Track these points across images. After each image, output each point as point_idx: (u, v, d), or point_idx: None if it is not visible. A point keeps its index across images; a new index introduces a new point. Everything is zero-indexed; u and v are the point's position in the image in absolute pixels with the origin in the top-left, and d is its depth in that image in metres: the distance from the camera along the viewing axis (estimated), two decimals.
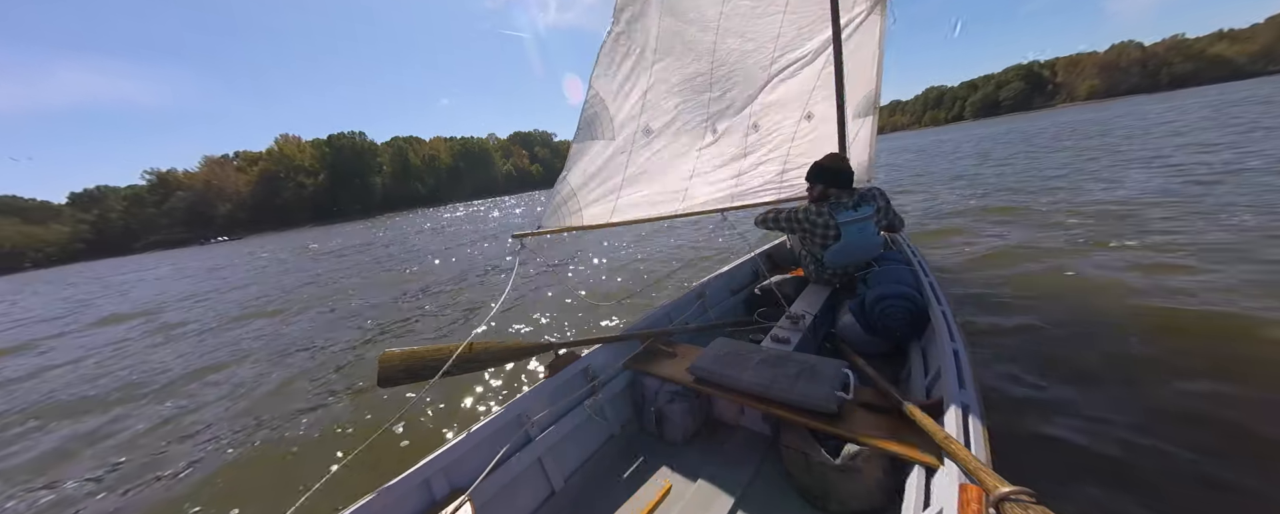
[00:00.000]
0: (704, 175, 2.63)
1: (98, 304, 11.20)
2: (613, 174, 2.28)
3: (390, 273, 8.94)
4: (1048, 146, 14.40)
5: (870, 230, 2.13)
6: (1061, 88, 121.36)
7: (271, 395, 3.42)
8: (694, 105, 2.45)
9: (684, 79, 2.39)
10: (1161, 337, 2.48)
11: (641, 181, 2.39)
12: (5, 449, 3.24)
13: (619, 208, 2.36)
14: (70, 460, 2.94)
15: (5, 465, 2.99)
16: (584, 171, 2.21)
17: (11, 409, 4.10)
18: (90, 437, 3.24)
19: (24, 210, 76.73)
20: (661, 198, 2.50)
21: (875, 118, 3.18)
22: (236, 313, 7.10)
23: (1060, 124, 27.26)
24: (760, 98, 2.68)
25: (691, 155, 2.54)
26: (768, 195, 2.89)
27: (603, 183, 2.28)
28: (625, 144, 2.28)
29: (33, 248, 71.44)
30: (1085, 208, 5.50)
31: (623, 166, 2.30)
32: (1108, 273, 3.44)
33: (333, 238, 24.89)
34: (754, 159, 2.81)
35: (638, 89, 2.25)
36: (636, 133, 2.29)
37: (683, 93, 2.40)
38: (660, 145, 2.40)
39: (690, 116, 2.46)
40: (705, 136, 2.55)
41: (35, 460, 3.02)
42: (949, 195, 8.01)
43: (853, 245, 2.13)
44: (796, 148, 2.91)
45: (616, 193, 2.33)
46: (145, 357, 5.26)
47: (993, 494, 0.85)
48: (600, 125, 2.21)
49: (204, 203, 78.38)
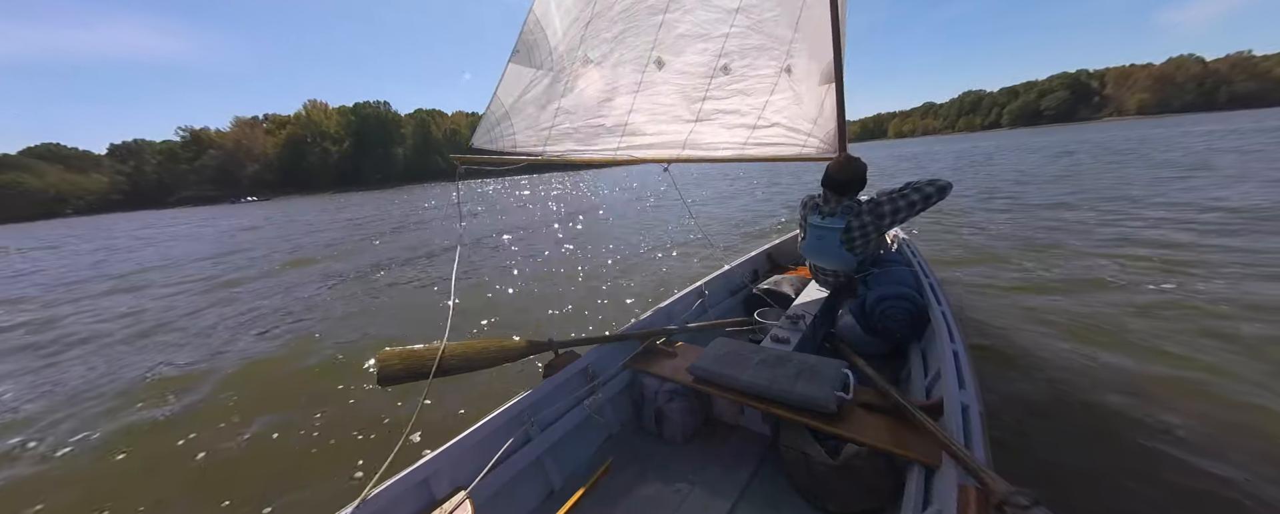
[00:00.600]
0: (649, 112, 2.36)
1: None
2: (548, 101, 2.16)
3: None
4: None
5: (830, 240, 2.09)
6: (1109, 100, 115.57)
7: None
8: (644, 30, 2.21)
9: (635, 0, 2.14)
10: (1164, 338, 2.51)
11: (578, 113, 2.24)
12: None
13: (552, 137, 2.22)
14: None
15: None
16: (518, 95, 2.09)
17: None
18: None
19: (66, 158, 79.87)
20: (600, 132, 2.31)
21: (836, 88, 2.57)
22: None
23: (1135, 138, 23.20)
24: (732, 32, 2.32)
25: (632, 88, 2.30)
26: (727, 151, 2.55)
27: (538, 109, 2.15)
28: (562, 73, 2.15)
29: (74, 195, 74.59)
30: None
31: (558, 94, 2.17)
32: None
33: (366, 205, 24.74)
34: (717, 106, 2.46)
35: (582, 17, 2.10)
36: (574, 62, 2.15)
37: (631, 16, 2.18)
38: (597, 76, 2.23)
39: (636, 42, 2.23)
40: (649, 68, 2.27)
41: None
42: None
43: (812, 248, 2.21)
44: (774, 105, 2.53)
45: (551, 122, 2.19)
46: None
47: (992, 495, 0.86)
48: (538, 52, 2.07)
49: (233, 162, 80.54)
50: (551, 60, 2.12)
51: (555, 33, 2.08)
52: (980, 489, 0.90)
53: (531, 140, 2.17)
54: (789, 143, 2.62)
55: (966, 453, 0.99)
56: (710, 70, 2.40)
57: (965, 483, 0.94)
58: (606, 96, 2.29)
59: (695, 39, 2.33)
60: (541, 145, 2.20)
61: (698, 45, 2.35)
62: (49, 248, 16.46)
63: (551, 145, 2.22)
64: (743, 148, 2.60)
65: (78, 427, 2.86)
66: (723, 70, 2.43)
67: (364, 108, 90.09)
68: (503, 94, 2.06)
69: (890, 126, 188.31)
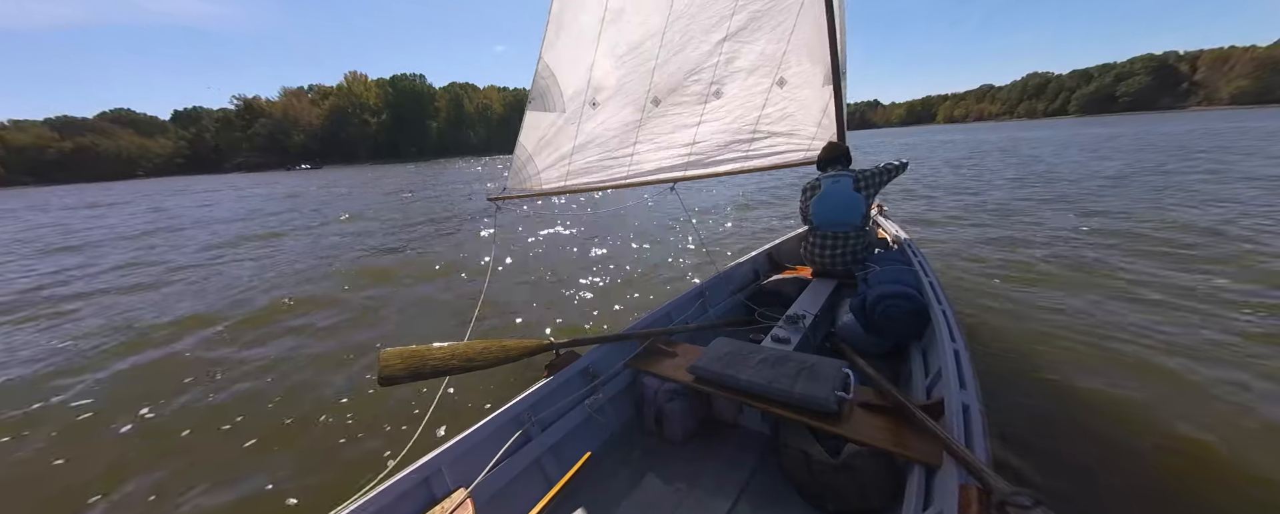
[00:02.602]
0: (652, 142, 2.70)
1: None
2: (563, 143, 2.53)
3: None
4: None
5: (844, 184, 2.37)
6: (1198, 87, 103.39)
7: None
8: (639, 75, 2.52)
9: (631, 47, 2.43)
10: (1165, 340, 2.47)
11: (590, 149, 2.61)
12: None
13: (572, 173, 2.62)
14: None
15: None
16: (538, 139, 2.46)
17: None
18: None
19: (135, 123, 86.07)
20: (610, 164, 2.69)
21: (835, 90, 2.64)
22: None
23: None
24: (721, 60, 2.56)
25: (634, 125, 2.64)
26: (730, 165, 2.78)
27: (556, 150, 2.54)
28: (574, 116, 2.50)
29: (144, 158, 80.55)
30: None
31: (572, 136, 2.54)
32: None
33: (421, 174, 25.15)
34: (714, 128, 2.71)
35: (583, 63, 2.41)
36: (583, 105, 2.49)
37: (629, 63, 2.48)
38: (605, 116, 2.57)
39: (634, 88, 2.56)
40: (648, 107, 2.62)
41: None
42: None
43: (826, 203, 2.40)
44: (768, 116, 2.71)
45: (568, 160, 2.59)
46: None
47: (993, 495, 0.85)
48: (551, 98, 2.42)
49: (281, 131, 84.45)
50: (563, 103, 2.46)
51: (565, 80, 2.41)
52: (981, 489, 0.89)
53: (555, 177, 2.61)
54: (792, 149, 2.77)
55: (967, 453, 0.98)
56: (703, 98, 2.64)
57: (966, 483, 0.93)
58: (613, 134, 2.64)
59: (687, 73, 2.57)
60: (563, 181, 2.62)
61: (691, 78, 2.58)
62: (202, 204, 16.49)
63: (571, 180, 2.62)
64: (743, 161, 2.78)
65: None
66: (715, 95, 2.64)
67: (401, 80, 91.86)
68: (525, 139, 2.49)
69: (939, 110, 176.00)
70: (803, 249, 2.62)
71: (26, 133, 74.88)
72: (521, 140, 2.45)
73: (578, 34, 2.36)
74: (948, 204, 7.52)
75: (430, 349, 1.46)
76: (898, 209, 7.10)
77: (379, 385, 1.35)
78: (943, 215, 6.64)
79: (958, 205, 7.34)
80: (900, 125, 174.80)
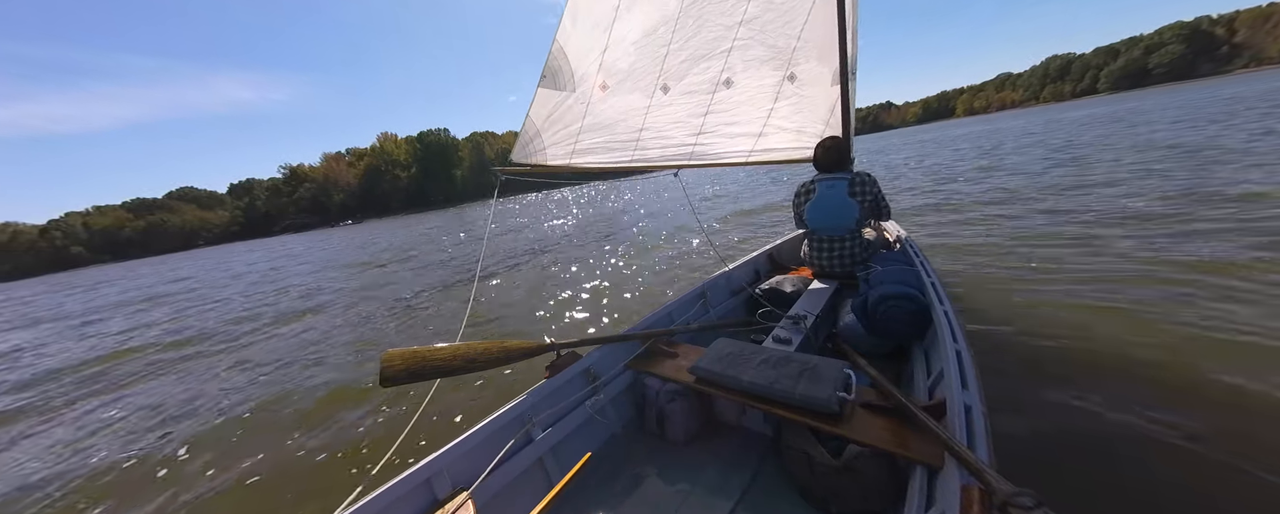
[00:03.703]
0: (659, 128, 2.71)
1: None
2: (572, 121, 2.56)
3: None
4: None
5: (838, 189, 2.32)
6: (1241, 48, 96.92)
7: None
8: (651, 61, 2.55)
9: (645, 32, 2.47)
10: (1167, 342, 2.35)
11: (598, 131, 2.64)
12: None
13: (577, 152, 2.64)
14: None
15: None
16: (546, 115, 2.49)
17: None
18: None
19: (196, 199, 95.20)
20: (616, 145, 2.71)
21: (844, 88, 2.54)
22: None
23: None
24: (732, 49, 2.52)
25: (643, 110, 2.66)
26: (734, 158, 2.74)
27: (564, 127, 2.57)
28: (583, 96, 2.54)
29: (205, 229, 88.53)
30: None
31: (580, 115, 2.57)
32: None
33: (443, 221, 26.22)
34: (722, 119, 2.68)
35: (597, 47, 2.44)
36: (593, 88, 2.53)
37: (641, 48, 2.50)
38: (615, 99, 2.61)
39: (645, 73, 2.58)
40: (657, 93, 2.63)
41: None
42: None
43: (819, 207, 2.37)
44: (780, 112, 2.64)
45: (575, 138, 2.61)
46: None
47: (996, 496, 0.85)
48: (562, 78, 2.46)
49: (323, 193, 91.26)
50: (573, 83, 2.51)
51: (577, 61, 2.46)
52: (983, 490, 0.89)
53: (560, 154, 2.61)
54: (799, 146, 2.72)
55: (969, 453, 0.97)
56: (712, 87, 2.64)
57: (968, 484, 0.92)
58: (621, 117, 2.67)
59: (698, 60, 2.57)
60: (568, 158, 2.62)
61: (701, 66, 2.58)
62: (268, 266, 16.15)
63: (577, 158, 2.63)
64: (749, 154, 2.75)
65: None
66: (725, 84, 2.62)
67: (427, 136, 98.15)
68: (534, 114, 2.53)
69: (958, 103, 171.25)
70: (803, 251, 2.60)
71: (107, 216, 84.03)
72: (531, 114, 2.46)
73: (594, 20, 2.40)
74: (977, 200, 6.97)
75: (432, 350, 1.48)
76: (905, 206, 6.89)
77: (380, 385, 1.39)
78: (958, 217, 6.13)
79: (993, 194, 6.94)
80: (917, 124, 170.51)
